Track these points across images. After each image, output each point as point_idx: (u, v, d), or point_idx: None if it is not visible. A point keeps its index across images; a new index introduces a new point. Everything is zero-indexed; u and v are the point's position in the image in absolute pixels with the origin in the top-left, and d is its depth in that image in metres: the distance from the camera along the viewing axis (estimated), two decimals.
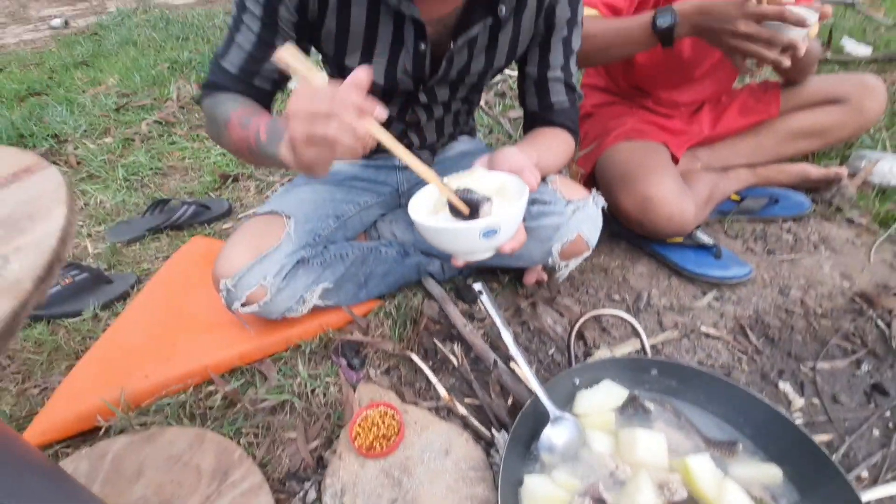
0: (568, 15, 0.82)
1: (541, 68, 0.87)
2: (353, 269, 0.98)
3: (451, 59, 0.80)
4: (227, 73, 0.75)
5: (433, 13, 0.74)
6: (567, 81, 0.89)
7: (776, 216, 1.26)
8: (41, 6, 4.96)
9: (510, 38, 0.82)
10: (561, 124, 0.91)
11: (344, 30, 0.75)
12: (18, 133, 1.93)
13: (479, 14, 0.75)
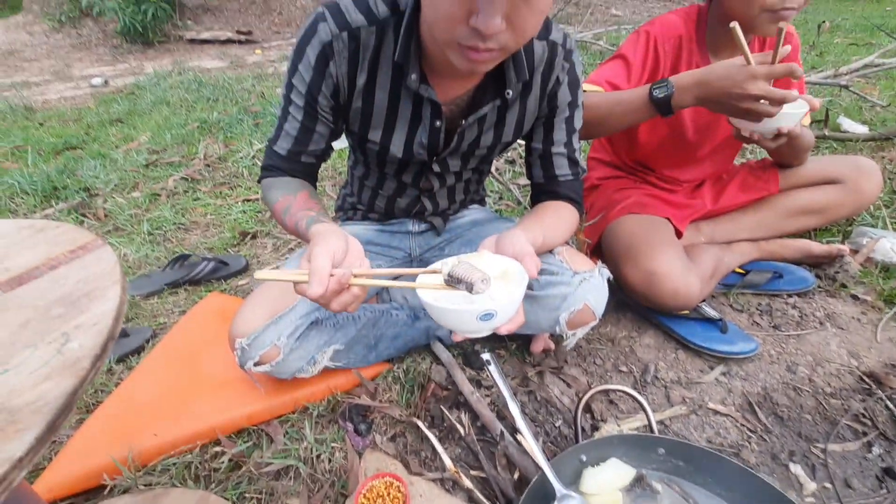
0: (569, 98, 0.90)
1: (545, 144, 0.94)
2: (365, 331, 1.00)
3: (462, 134, 0.87)
4: (278, 155, 0.88)
5: (448, 95, 0.83)
6: (570, 156, 0.95)
7: (781, 291, 1.28)
8: (84, 66, 5.34)
9: (517, 118, 0.90)
10: (565, 196, 0.96)
11: (369, 109, 0.84)
12: (52, 185, 2.04)
13: (488, 96, 0.83)
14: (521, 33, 0.62)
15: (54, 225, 0.54)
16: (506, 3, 0.57)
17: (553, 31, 0.84)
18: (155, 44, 5.93)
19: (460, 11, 0.59)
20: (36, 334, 0.37)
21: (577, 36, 4.63)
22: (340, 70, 0.78)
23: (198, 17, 6.79)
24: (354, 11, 0.76)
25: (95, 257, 0.47)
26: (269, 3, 7.36)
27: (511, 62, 0.79)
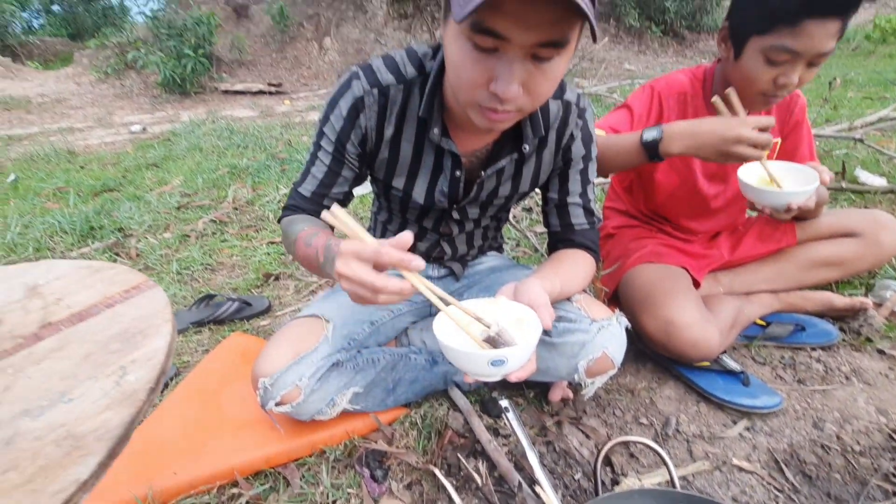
0: (583, 152, 0.95)
1: (561, 195, 0.98)
2: (383, 375, 1.02)
3: (481, 184, 0.93)
4: (302, 196, 0.92)
5: (468, 148, 0.89)
6: (586, 206, 0.99)
7: (804, 344, 1.26)
8: (125, 114, 5.70)
9: (533, 170, 0.95)
10: (581, 244, 0.99)
11: (394, 158, 0.90)
12: (90, 225, 2.14)
13: (506, 150, 0.89)
14: (536, 97, 0.68)
15: (109, 266, 0.58)
16: (523, 72, 0.63)
17: (567, 91, 0.90)
18: (191, 94, 6.32)
19: (481, 78, 0.65)
20: (96, 367, 0.41)
21: (591, 89, 4.81)
22: (370, 122, 0.85)
23: (232, 70, 7.26)
24: (385, 71, 0.84)
25: (148, 297, 0.51)
26: (300, 58, 7.84)
27: (528, 119, 0.85)
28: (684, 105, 1.18)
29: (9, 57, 7.65)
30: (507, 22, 0.58)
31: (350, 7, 8.30)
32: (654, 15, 9.10)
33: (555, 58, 0.63)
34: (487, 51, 0.62)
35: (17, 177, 3.15)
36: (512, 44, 0.60)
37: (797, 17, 0.90)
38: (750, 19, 0.97)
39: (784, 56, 0.94)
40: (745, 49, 1.00)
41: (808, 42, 0.91)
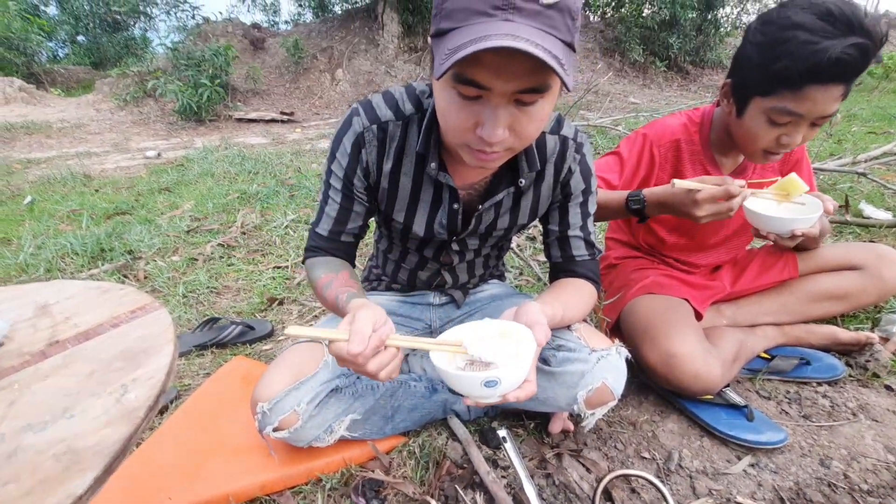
0: (582, 186, 0.96)
1: (561, 227, 0.99)
2: (382, 402, 1.02)
3: (479, 217, 0.94)
4: (321, 237, 0.95)
5: (465, 181, 0.92)
6: (586, 238, 1.00)
7: (809, 378, 1.24)
8: (141, 139, 5.87)
9: (531, 203, 0.97)
10: (583, 275, 0.99)
11: (394, 192, 0.92)
12: (101, 247, 2.19)
13: (503, 184, 0.91)
14: (524, 138, 0.70)
15: (118, 287, 0.60)
16: (507, 116, 0.66)
17: (564, 127, 0.92)
18: (206, 121, 6.51)
19: (468, 123, 0.68)
20: (99, 384, 0.42)
21: (596, 121, 4.89)
22: (370, 156, 0.88)
23: (247, 99, 7.48)
24: (384, 108, 0.87)
25: (153, 318, 0.52)
26: (312, 88, 8.08)
27: (523, 154, 0.87)
28: (678, 152, 1.18)
29: (33, 84, 7.94)
30: (487, 73, 0.61)
31: (362, 41, 8.60)
32: (658, 50, 9.32)
33: (538, 101, 0.65)
34: (471, 98, 0.65)
35: (34, 199, 3.23)
36: (493, 92, 0.62)
37: (800, 83, 0.90)
38: (752, 80, 0.98)
39: (787, 118, 0.95)
40: (747, 108, 1.01)
41: (810, 106, 0.92)
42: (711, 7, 9.22)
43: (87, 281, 0.60)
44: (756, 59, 0.96)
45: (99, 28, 11.25)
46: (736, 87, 1.04)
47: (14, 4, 8.72)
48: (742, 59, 1.01)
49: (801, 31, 0.88)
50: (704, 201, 0.95)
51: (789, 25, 0.90)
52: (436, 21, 0.66)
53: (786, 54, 0.90)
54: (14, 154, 5.07)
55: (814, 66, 0.87)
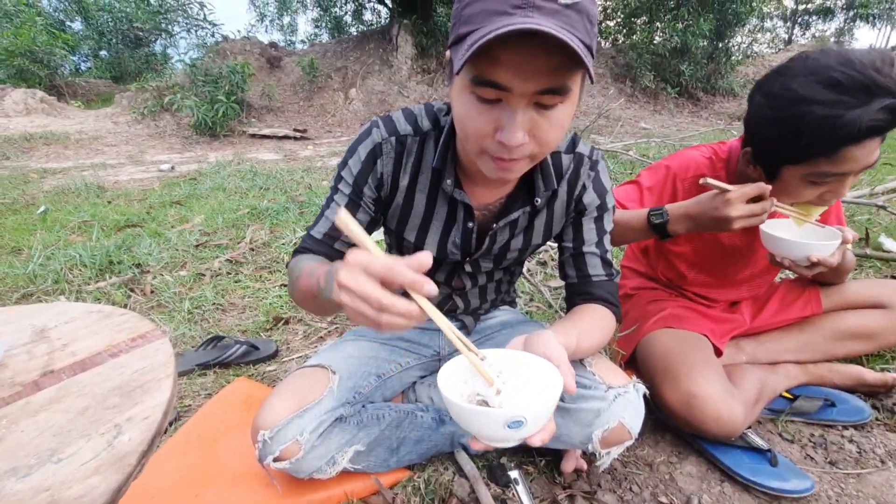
0: (597, 202, 0.93)
1: (576, 243, 0.96)
2: (388, 433, 0.98)
3: (493, 236, 0.92)
4: (314, 239, 0.91)
5: (481, 201, 0.90)
6: (602, 257, 0.96)
7: (834, 421, 1.18)
8: (156, 152, 5.95)
9: (545, 222, 0.95)
10: (600, 298, 0.94)
11: (408, 208, 0.91)
12: (109, 260, 2.18)
13: (519, 203, 0.89)
14: (543, 144, 0.67)
15: (119, 312, 0.58)
16: (527, 120, 0.63)
17: (580, 145, 0.91)
18: (221, 136, 6.60)
19: (487, 128, 0.65)
20: (91, 423, 0.39)
21: (607, 146, 4.89)
22: (386, 168, 0.87)
23: (261, 116, 7.60)
24: (404, 122, 0.86)
25: (154, 348, 0.50)
26: (326, 106, 8.20)
27: (540, 172, 0.86)
28: (702, 188, 1.13)
29: (55, 96, 8.13)
30: (506, 73, 0.59)
31: (376, 61, 8.75)
32: (669, 77, 9.39)
33: (558, 105, 0.63)
34: (491, 102, 0.63)
35: (47, 209, 3.26)
36: (513, 93, 0.61)
37: (834, 149, 0.86)
38: (779, 152, 0.93)
39: (828, 178, 0.92)
40: (780, 174, 0.96)
41: (851, 164, 0.88)
42: (722, 36, 9.30)
43: (89, 304, 0.58)
44: (776, 136, 0.91)
45: (121, 43, 11.58)
46: (759, 156, 0.99)
47: (41, 19, 9.00)
48: (757, 133, 0.97)
49: (815, 106, 0.84)
50: (738, 199, 0.91)
51: (798, 99, 0.86)
52: (454, 30, 0.64)
53: (807, 131, 0.86)
54: (32, 164, 5.16)
55: (846, 136, 0.83)
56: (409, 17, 8.59)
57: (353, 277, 0.56)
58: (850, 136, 0.83)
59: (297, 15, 15.19)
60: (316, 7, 13.08)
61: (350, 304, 0.56)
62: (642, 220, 1.05)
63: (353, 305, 0.56)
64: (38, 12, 9.83)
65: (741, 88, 9.94)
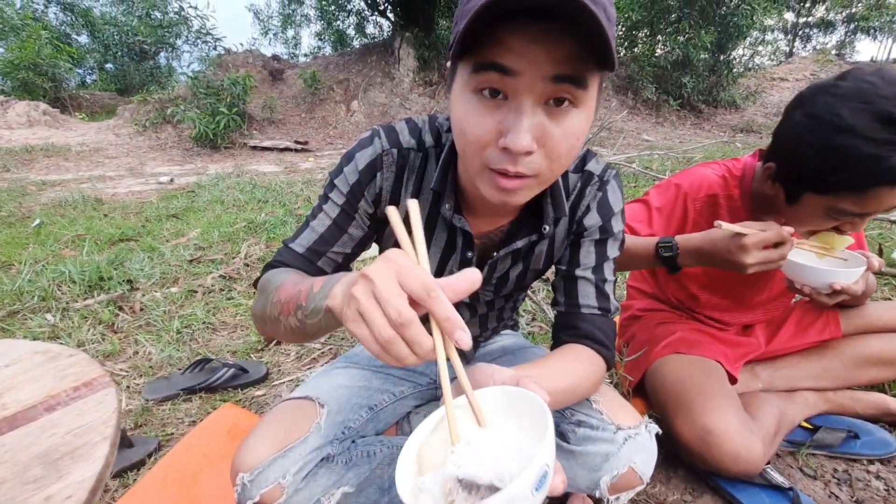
0: (599, 222, 0.82)
1: (570, 266, 0.85)
2: (379, 471, 0.90)
3: (493, 265, 0.85)
4: (293, 252, 0.80)
5: (482, 228, 0.82)
6: (598, 286, 0.84)
7: (859, 455, 1.10)
8: (156, 164, 5.93)
9: (546, 248, 0.86)
10: (589, 335, 0.82)
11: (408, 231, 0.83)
12: (99, 276, 2.12)
13: (524, 231, 0.81)
14: (554, 158, 0.59)
15: (68, 353, 0.51)
16: (535, 123, 0.55)
17: (591, 163, 0.82)
18: (221, 148, 6.59)
19: (489, 134, 0.57)
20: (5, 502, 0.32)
21: (610, 158, 4.85)
22: (386, 183, 0.79)
23: (262, 128, 7.60)
24: (407, 135, 0.79)
25: (96, 400, 0.43)
26: (327, 118, 8.21)
27: (549, 197, 0.78)
28: (715, 208, 1.07)
29: (58, 108, 8.17)
30: (513, 55, 0.52)
31: (378, 74, 8.77)
32: (671, 89, 9.38)
33: (571, 111, 0.56)
34: (495, 99, 0.56)
35: (42, 221, 3.21)
36: (520, 82, 0.53)
37: (865, 188, 0.80)
38: (807, 177, 0.87)
39: (847, 216, 0.87)
40: (800, 199, 0.91)
41: (874, 205, 0.83)
42: (724, 49, 9.31)
43: (37, 343, 0.51)
44: (810, 162, 0.85)
45: (126, 57, 11.68)
46: (783, 175, 0.93)
47: (46, 33, 9.08)
48: (789, 152, 0.90)
49: (860, 141, 0.77)
50: (754, 246, 0.85)
51: (845, 128, 0.79)
52: (455, 29, 0.57)
53: (846, 165, 0.80)
54: (31, 176, 5.14)
55: (884, 180, 0.78)
56: (411, 31, 8.63)
57: (383, 275, 0.45)
58: (891, 178, 0.77)
59: (301, 28, 15.36)
60: (319, 20, 13.21)
61: (363, 310, 0.45)
62: (650, 250, 0.99)
63: (367, 307, 0.45)
64: (45, 26, 9.93)
65: (743, 101, 9.93)
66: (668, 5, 8.88)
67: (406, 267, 0.46)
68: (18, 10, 10.04)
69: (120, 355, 1.58)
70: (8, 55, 8.61)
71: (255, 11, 15.88)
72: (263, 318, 0.73)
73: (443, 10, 8.94)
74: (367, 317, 0.45)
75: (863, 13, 13.57)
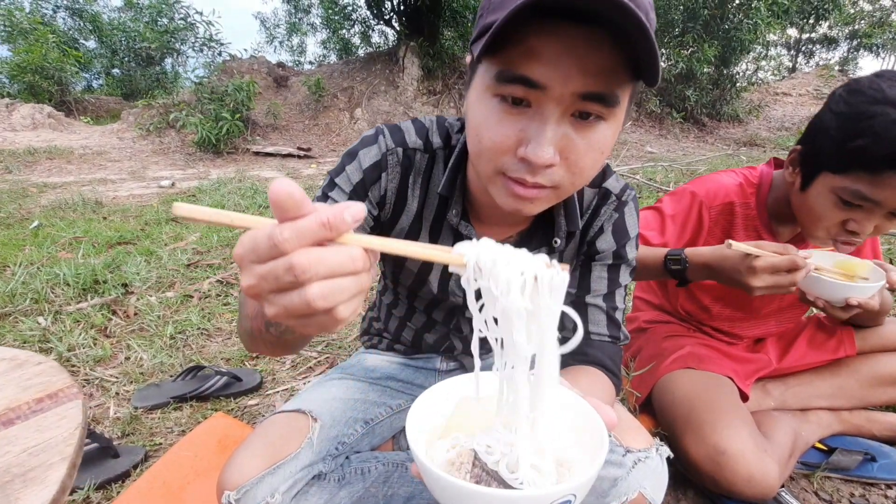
0: (613, 247, 0.78)
1: (580, 290, 0.81)
2: (374, 490, 0.85)
3: None
4: None
5: (491, 237, 0.77)
6: (609, 314, 0.80)
7: (876, 479, 1.05)
8: (158, 168, 5.92)
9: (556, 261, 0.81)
10: (598, 361, 0.78)
11: (414, 237, 0.79)
12: (94, 279, 2.08)
13: (535, 243, 0.77)
14: (577, 171, 0.55)
15: (36, 360, 0.47)
16: (559, 134, 0.51)
17: (609, 179, 0.78)
18: (224, 154, 6.59)
19: (508, 140, 0.53)
20: None
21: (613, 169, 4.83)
22: (391, 184, 0.75)
23: (266, 134, 7.61)
24: (414, 135, 0.75)
25: (58, 414, 0.39)
26: (331, 125, 8.22)
27: (563, 208, 0.74)
28: (731, 217, 1.04)
29: (63, 112, 8.19)
30: (543, 67, 0.48)
31: (382, 82, 8.80)
32: (674, 102, 9.40)
33: (600, 123, 0.52)
34: (518, 106, 0.52)
35: (41, 224, 3.18)
36: (548, 95, 0.49)
37: (880, 167, 0.77)
38: (825, 152, 0.85)
39: (858, 202, 0.82)
40: (814, 181, 0.88)
41: (889, 194, 0.79)
42: (727, 63, 9.33)
43: (5, 348, 0.47)
44: (833, 131, 0.83)
45: (133, 62, 11.75)
46: (805, 156, 0.91)
47: (53, 36, 9.15)
48: (817, 127, 0.88)
49: (891, 109, 0.75)
50: (763, 270, 0.81)
51: (881, 99, 0.77)
52: (479, 22, 0.53)
53: (869, 131, 0.77)
54: (33, 178, 5.12)
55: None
56: (415, 40, 8.67)
57: (244, 242, 0.34)
58: None
59: (307, 36, 15.47)
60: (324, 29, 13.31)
61: (252, 283, 0.34)
62: (658, 261, 0.96)
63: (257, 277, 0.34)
64: (52, 30, 10.00)
65: (746, 115, 9.94)
66: (672, 19, 8.92)
67: (255, 230, 0.34)
68: (28, 14, 10.12)
69: (111, 361, 1.54)
70: (15, 58, 8.65)
71: (261, 19, 16.00)
72: (246, 335, 0.62)
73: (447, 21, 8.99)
74: (267, 290, 0.34)
75: (866, 30, 13.62)
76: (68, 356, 1.50)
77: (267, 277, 0.33)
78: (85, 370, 1.45)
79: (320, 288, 0.33)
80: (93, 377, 1.43)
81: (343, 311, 0.36)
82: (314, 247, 0.33)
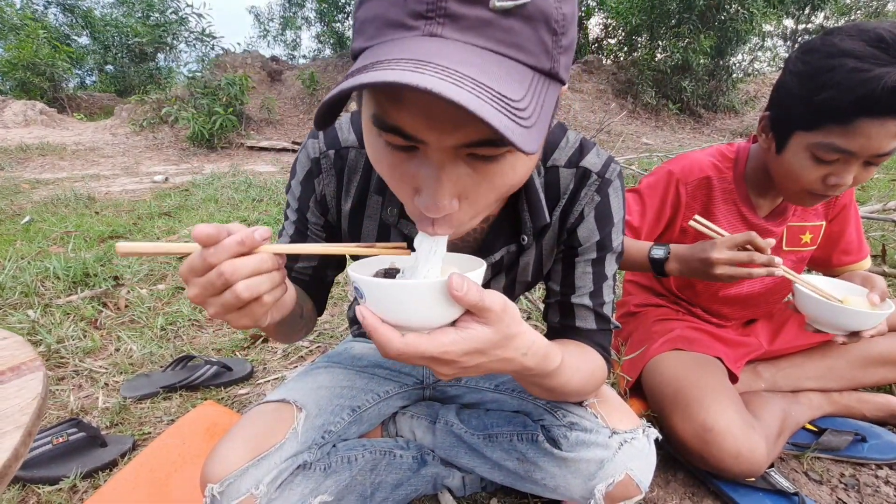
0: (596, 237, 0.71)
1: (564, 289, 0.75)
2: (360, 478, 0.84)
3: None
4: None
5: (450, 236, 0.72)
6: (597, 311, 0.75)
7: (866, 459, 1.05)
8: (152, 164, 5.89)
9: (534, 259, 0.76)
10: (587, 342, 0.76)
11: (356, 238, 0.76)
12: (85, 272, 2.07)
13: (503, 239, 0.72)
14: (485, 204, 0.50)
15: (1, 336, 0.46)
16: (455, 180, 0.45)
17: (589, 155, 0.69)
18: (218, 148, 6.55)
19: (405, 188, 0.48)
20: None
21: None
22: (328, 188, 0.73)
23: (260, 128, 7.57)
24: (349, 131, 0.71)
25: (18, 385, 0.38)
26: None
27: (525, 204, 0.68)
28: (709, 191, 1.06)
29: (56, 108, 8.12)
30: (414, 119, 0.41)
31: None
32: (670, 94, 9.37)
33: (504, 157, 0.45)
34: (406, 151, 0.45)
35: (32, 219, 3.16)
36: (430, 146, 0.43)
37: (850, 116, 0.78)
38: (794, 113, 0.86)
39: (834, 155, 0.83)
40: (788, 143, 0.89)
41: (863, 142, 0.79)
42: (723, 54, 9.31)
43: None
44: (797, 90, 0.84)
45: (126, 58, 11.65)
46: (775, 121, 0.92)
47: (44, 32, 9.05)
48: (781, 91, 0.89)
49: (849, 59, 0.77)
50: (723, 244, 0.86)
51: (836, 53, 0.78)
52: (354, 37, 0.46)
53: (831, 84, 0.78)
54: (25, 174, 5.09)
55: (865, 97, 0.75)
56: None
57: (189, 259, 0.47)
58: (871, 96, 0.74)
59: (301, 30, 15.35)
60: (319, 22, 13.22)
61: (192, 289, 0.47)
62: (643, 252, 0.99)
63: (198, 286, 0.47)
64: (43, 25, 9.89)
65: (742, 106, 9.93)
66: (668, 10, 8.87)
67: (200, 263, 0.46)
68: (18, 10, 10.01)
69: (100, 352, 1.53)
70: (6, 55, 8.57)
71: (255, 14, 15.86)
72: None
73: None
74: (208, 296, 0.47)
75: (861, 20, 13.61)
76: (57, 348, 1.49)
77: (205, 285, 0.46)
78: (74, 361, 1.44)
79: (245, 284, 0.46)
80: (82, 368, 1.42)
81: (267, 298, 0.48)
82: (236, 258, 0.45)
